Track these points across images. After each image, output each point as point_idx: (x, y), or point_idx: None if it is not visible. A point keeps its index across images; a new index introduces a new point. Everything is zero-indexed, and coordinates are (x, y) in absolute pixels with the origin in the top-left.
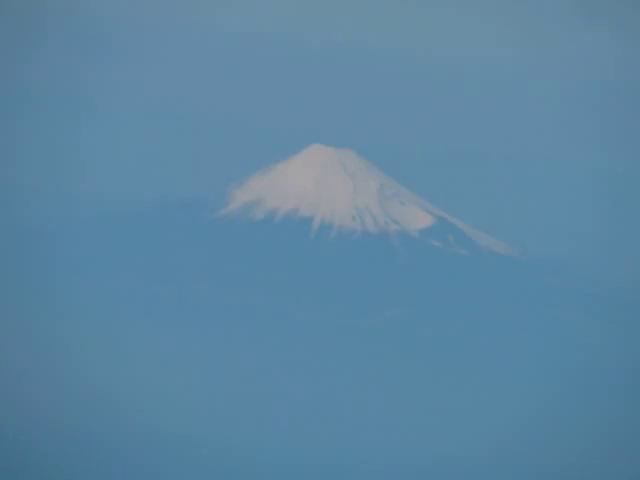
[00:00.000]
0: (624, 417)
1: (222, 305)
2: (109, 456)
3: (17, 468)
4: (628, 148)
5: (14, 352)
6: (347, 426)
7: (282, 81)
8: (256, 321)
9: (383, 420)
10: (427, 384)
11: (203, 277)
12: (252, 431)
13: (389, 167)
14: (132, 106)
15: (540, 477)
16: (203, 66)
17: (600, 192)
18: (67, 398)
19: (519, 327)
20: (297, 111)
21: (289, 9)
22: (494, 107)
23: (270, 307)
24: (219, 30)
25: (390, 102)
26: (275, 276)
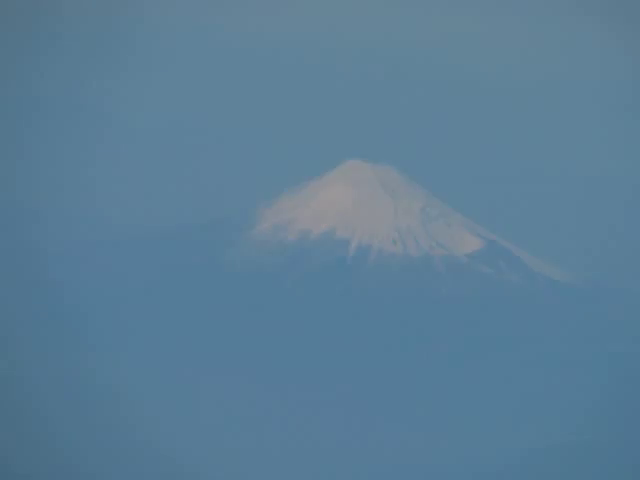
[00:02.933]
0: None
1: (248, 338)
2: None
3: None
4: None
5: (20, 380)
6: (392, 471)
7: (316, 91)
8: (287, 356)
9: (428, 465)
10: (479, 424)
11: (228, 305)
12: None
13: (433, 185)
14: (151, 120)
15: None
16: (229, 76)
17: None
18: (75, 432)
19: (579, 362)
20: (332, 124)
21: (326, 18)
22: (547, 122)
23: (303, 340)
24: (247, 38)
25: (434, 115)
26: (307, 304)
